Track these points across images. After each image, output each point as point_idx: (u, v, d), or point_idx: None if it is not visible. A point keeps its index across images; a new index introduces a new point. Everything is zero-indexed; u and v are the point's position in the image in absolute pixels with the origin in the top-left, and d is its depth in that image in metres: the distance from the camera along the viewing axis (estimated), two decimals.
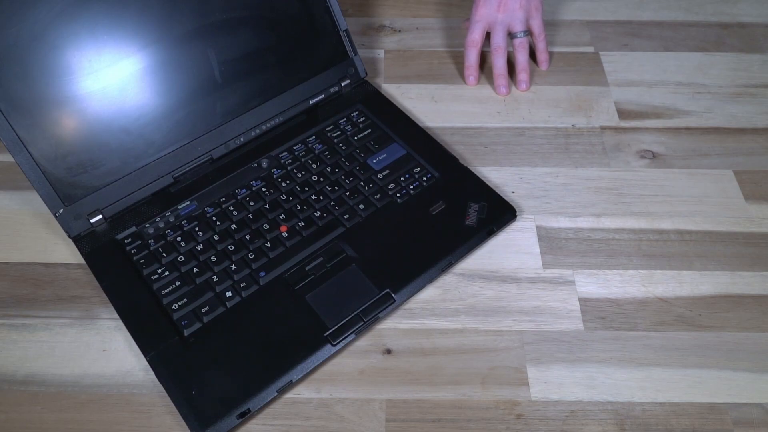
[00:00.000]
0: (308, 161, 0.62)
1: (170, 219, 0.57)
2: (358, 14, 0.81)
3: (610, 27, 0.79)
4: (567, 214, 0.60)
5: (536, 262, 0.57)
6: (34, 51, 0.52)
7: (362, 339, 0.52)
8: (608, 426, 0.47)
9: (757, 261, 0.57)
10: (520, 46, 0.71)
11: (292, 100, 0.64)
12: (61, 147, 0.54)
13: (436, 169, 0.61)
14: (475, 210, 0.58)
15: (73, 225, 0.56)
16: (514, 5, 0.70)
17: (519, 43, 0.71)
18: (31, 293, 0.55)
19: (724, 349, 0.51)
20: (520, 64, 0.71)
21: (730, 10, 0.81)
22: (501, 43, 0.70)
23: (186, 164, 0.60)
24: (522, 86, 0.71)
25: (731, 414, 0.48)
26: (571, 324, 0.53)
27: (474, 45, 0.71)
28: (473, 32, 0.71)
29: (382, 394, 0.49)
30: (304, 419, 0.48)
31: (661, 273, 0.56)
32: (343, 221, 0.57)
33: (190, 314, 0.51)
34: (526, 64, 0.71)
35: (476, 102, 0.70)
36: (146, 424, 0.48)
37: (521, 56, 0.71)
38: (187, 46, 0.58)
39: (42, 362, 0.51)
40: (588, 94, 0.71)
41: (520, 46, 0.71)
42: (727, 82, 0.72)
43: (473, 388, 0.49)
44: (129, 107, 0.56)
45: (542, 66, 0.73)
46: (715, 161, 0.64)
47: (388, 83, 0.72)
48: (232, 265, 0.54)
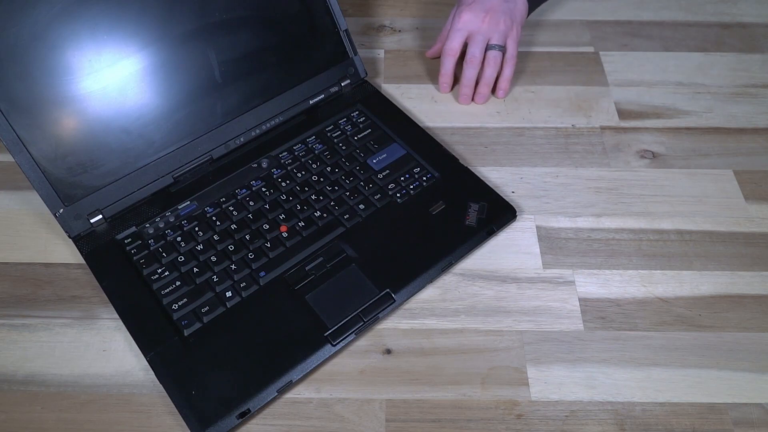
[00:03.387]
0: (308, 161, 0.62)
1: (170, 219, 0.57)
2: (358, 14, 0.81)
3: (610, 27, 0.79)
4: (567, 214, 0.60)
5: (536, 262, 0.57)
6: (34, 51, 0.52)
7: (362, 339, 0.52)
8: (608, 426, 0.47)
9: (757, 261, 0.57)
10: (492, 60, 0.67)
11: (292, 100, 0.64)
12: (61, 147, 0.54)
13: (436, 169, 0.61)
14: (475, 210, 0.58)
15: (73, 225, 0.56)
16: (499, 20, 0.67)
17: (492, 56, 0.67)
18: (31, 293, 0.55)
19: (724, 349, 0.51)
20: (486, 77, 0.68)
21: (730, 10, 0.81)
22: (477, 54, 0.67)
23: (186, 164, 0.60)
24: (479, 99, 0.69)
25: (731, 414, 0.48)
26: (571, 324, 0.53)
27: (453, 54, 0.68)
28: (453, 40, 0.68)
29: (382, 394, 0.49)
30: (304, 419, 0.48)
31: (661, 273, 0.56)
32: (343, 221, 0.57)
33: (190, 314, 0.51)
34: (491, 80, 0.68)
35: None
36: (146, 424, 0.48)
37: (490, 70, 0.68)
38: (187, 46, 0.58)
39: (42, 362, 0.51)
40: (588, 94, 0.71)
41: (492, 60, 0.67)
42: (727, 82, 0.72)
43: (473, 388, 0.49)
44: (129, 107, 0.56)
45: (499, 94, 0.70)
46: (715, 161, 0.64)
47: (388, 83, 0.72)
48: (232, 265, 0.54)
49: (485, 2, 0.68)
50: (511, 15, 0.68)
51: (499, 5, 0.68)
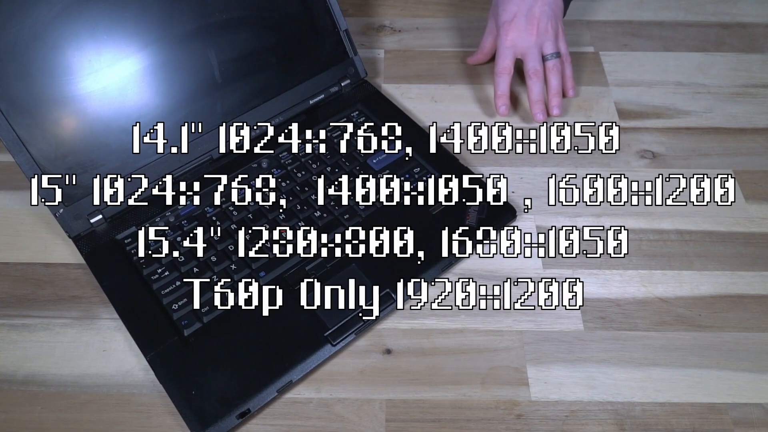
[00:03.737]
0: (308, 161, 0.62)
1: (170, 219, 0.57)
2: (358, 14, 0.81)
3: (610, 27, 0.79)
4: (567, 214, 0.60)
5: (536, 262, 0.57)
6: (34, 51, 0.52)
7: (362, 339, 0.52)
8: (608, 426, 0.47)
9: (757, 261, 0.57)
10: (554, 68, 0.66)
11: (292, 100, 0.64)
12: (61, 147, 0.54)
13: (436, 169, 0.61)
14: (474, 210, 0.58)
15: (73, 225, 0.56)
16: (547, 26, 0.65)
17: (552, 65, 0.66)
18: (31, 293, 0.55)
19: (724, 349, 0.51)
20: (554, 87, 0.66)
21: (730, 10, 0.81)
22: (539, 67, 0.65)
23: (186, 164, 0.60)
24: (555, 111, 0.66)
25: (731, 414, 0.48)
26: (571, 324, 0.53)
27: (507, 72, 0.66)
28: (505, 59, 0.66)
29: (382, 394, 0.49)
30: (304, 419, 0.48)
31: (661, 273, 0.56)
32: (343, 221, 0.57)
33: (190, 314, 0.51)
34: (560, 88, 0.67)
35: (476, 102, 0.70)
36: (146, 424, 0.48)
37: (555, 80, 0.66)
38: (187, 46, 0.58)
39: (42, 362, 0.51)
40: (588, 94, 0.71)
41: (554, 69, 0.66)
42: (727, 82, 0.72)
43: (473, 388, 0.49)
44: (129, 107, 0.56)
45: (569, 93, 0.69)
46: (715, 161, 0.64)
47: (388, 83, 0.72)
48: (232, 265, 0.54)
49: (527, 12, 0.66)
50: (554, 16, 0.67)
51: (541, 10, 0.66)
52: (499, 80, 0.67)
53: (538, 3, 0.66)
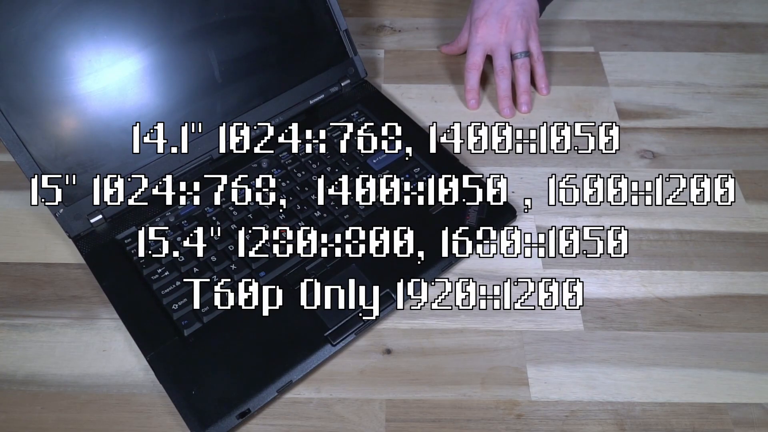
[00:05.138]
0: (308, 161, 0.62)
1: (170, 219, 0.57)
2: (358, 14, 0.81)
3: (610, 27, 0.79)
4: (567, 214, 0.60)
5: (536, 261, 0.57)
6: (34, 51, 0.52)
7: (362, 339, 0.52)
8: (608, 426, 0.47)
9: (757, 261, 0.57)
10: (522, 67, 0.68)
11: (292, 100, 0.64)
12: (61, 147, 0.54)
13: (436, 169, 0.61)
14: (474, 210, 0.58)
15: (73, 225, 0.56)
16: (516, 25, 0.67)
17: (521, 63, 0.68)
18: (31, 293, 0.55)
19: (724, 349, 0.51)
20: (522, 85, 0.68)
21: (730, 10, 0.81)
22: (506, 64, 0.68)
23: (186, 164, 0.60)
24: (524, 108, 0.68)
25: (731, 414, 0.48)
26: (571, 324, 0.53)
27: (476, 68, 0.69)
28: (474, 55, 0.69)
29: (382, 394, 0.49)
30: (304, 419, 0.48)
31: (661, 273, 0.56)
32: (343, 221, 0.57)
33: (190, 314, 0.51)
34: (528, 86, 0.69)
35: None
36: (146, 424, 0.48)
37: (523, 78, 0.68)
38: (187, 46, 0.58)
39: (42, 362, 0.51)
40: (588, 94, 0.71)
41: (522, 67, 0.68)
42: (727, 82, 0.72)
43: (473, 388, 0.49)
44: (129, 107, 0.56)
45: (543, 92, 0.70)
46: (715, 161, 0.64)
47: (388, 83, 0.72)
48: (232, 265, 0.54)
49: (498, 11, 0.68)
50: (526, 16, 0.68)
51: (512, 10, 0.67)
52: (468, 75, 0.69)
53: (510, 3, 0.68)
